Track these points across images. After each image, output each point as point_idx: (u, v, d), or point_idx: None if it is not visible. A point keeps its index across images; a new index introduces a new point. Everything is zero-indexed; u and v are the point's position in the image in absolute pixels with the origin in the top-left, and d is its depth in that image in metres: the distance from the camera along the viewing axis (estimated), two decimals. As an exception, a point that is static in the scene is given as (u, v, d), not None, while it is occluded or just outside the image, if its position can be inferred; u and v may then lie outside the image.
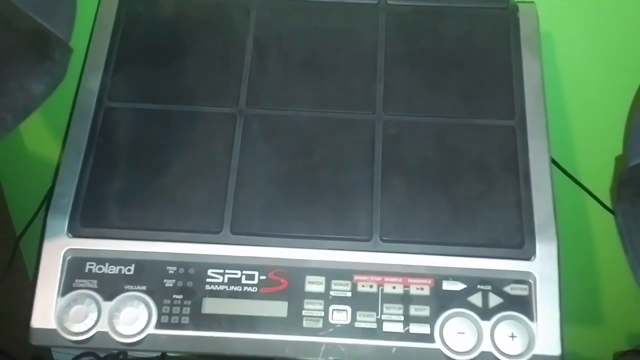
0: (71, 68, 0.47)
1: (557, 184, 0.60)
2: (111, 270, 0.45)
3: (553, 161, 0.60)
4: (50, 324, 0.44)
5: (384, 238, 0.47)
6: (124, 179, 0.48)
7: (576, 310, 0.75)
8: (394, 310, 0.45)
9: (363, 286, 0.46)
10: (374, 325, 0.45)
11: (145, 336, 0.44)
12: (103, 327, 0.44)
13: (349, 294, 0.45)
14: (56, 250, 0.46)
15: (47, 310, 0.44)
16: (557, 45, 0.61)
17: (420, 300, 0.45)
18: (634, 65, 0.59)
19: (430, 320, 0.45)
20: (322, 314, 0.45)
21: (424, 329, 0.45)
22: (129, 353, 0.61)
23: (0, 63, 0.34)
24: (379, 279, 0.46)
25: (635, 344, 0.64)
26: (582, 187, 0.63)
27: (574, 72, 0.62)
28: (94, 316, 0.44)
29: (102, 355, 0.67)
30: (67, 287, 0.45)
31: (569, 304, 0.70)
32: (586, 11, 0.58)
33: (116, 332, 0.44)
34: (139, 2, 0.55)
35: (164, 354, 0.71)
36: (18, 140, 0.79)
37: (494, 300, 0.45)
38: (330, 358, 0.45)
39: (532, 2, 0.56)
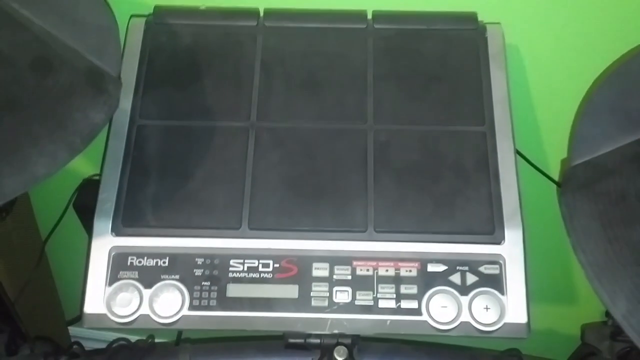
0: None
1: (527, 176, 0.67)
2: (149, 263, 0.53)
3: (523, 156, 0.67)
4: (101, 309, 0.52)
5: (378, 229, 0.54)
6: (157, 185, 0.55)
7: (548, 289, 0.83)
8: (387, 290, 0.52)
9: (361, 270, 0.53)
10: (371, 303, 0.52)
11: (180, 317, 0.52)
12: (145, 310, 0.52)
13: (349, 277, 0.53)
14: (103, 248, 0.53)
15: (97, 298, 0.52)
16: (523, 56, 0.67)
17: (409, 280, 0.53)
18: (591, 69, 0.66)
19: (418, 297, 0.52)
20: (327, 294, 0.52)
21: (413, 304, 0.52)
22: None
23: (68, 97, 0.42)
24: (374, 263, 0.53)
25: (602, 317, 0.72)
26: (549, 178, 0.70)
27: (540, 77, 0.69)
28: (136, 302, 0.52)
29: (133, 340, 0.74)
30: (113, 278, 0.52)
31: (541, 283, 0.79)
32: (548, 25, 0.65)
33: (156, 314, 0.52)
34: (161, 33, 0.62)
35: (179, 338, 0.78)
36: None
37: (471, 278, 0.53)
38: (336, 331, 0.52)
39: (498, 23, 0.63)
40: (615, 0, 0.62)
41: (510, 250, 0.53)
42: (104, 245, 0.53)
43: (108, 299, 0.52)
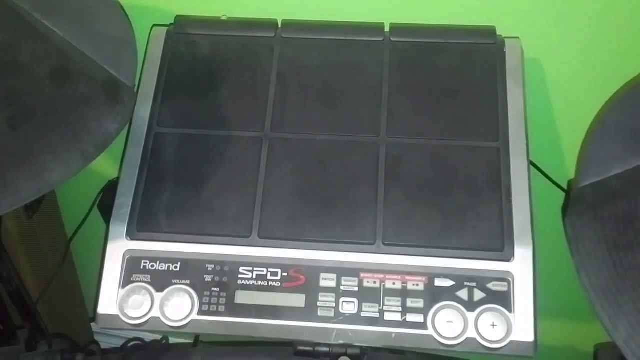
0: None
1: (543, 189, 0.67)
2: (161, 267, 0.55)
3: (539, 168, 0.67)
4: (114, 310, 0.53)
5: (386, 242, 0.54)
6: (171, 192, 0.57)
7: (562, 303, 0.81)
8: (393, 302, 0.53)
9: (368, 282, 0.54)
10: (377, 315, 0.53)
11: (190, 321, 0.53)
12: (155, 313, 0.53)
13: (356, 289, 0.53)
14: (117, 251, 0.55)
15: (110, 300, 0.54)
16: (545, 69, 0.67)
17: (415, 294, 0.53)
18: (611, 84, 0.65)
19: (424, 311, 0.52)
20: (334, 305, 0.53)
21: (419, 318, 0.52)
22: (171, 339, 0.70)
23: (85, 107, 0.44)
24: (381, 276, 0.54)
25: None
26: (564, 190, 0.69)
27: (561, 92, 0.68)
28: (148, 304, 0.54)
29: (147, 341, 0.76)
30: (126, 281, 0.54)
31: (554, 297, 0.77)
32: (567, 38, 0.64)
33: (166, 317, 0.53)
34: (181, 44, 0.64)
35: (197, 340, 0.80)
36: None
37: (478, 295, 0.53)
38: (341, 341, 0.53)
39: (517, 37, 0.63)
40: (635, 16, 0.61)
41: (520, 267, 0.53)
42: (118, 248, 0.55)
43: (121, 301, 0.54)
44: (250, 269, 0.54)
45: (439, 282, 0.53)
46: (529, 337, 0.51)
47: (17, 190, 0.40)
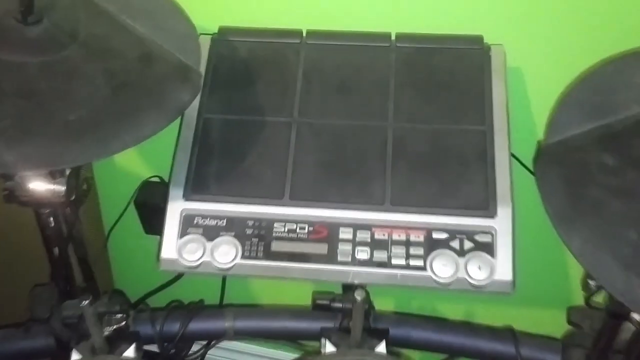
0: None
1: (520, 176, 0.78)
2: (211, 223, 0.66)
3: (516, 158, 0.79)
4: (174, 255, 0.65)
5: (393, 203, 0.66)
6: (218, 164, 0.69)
7: (539, 282, 0.90)
8: (399, 250, 0.64)
9: (378, 235, 0.65)
10: (386, 260, 0.64)
11: (234, 264, 0.65)
12: (207, 258, 0.65)
13: (369, 240, 0.65)
14: (176, 210, 0.67)
15: (171, 247, 0.66)
16: (525, 77, 0.79)
17: (417, 244, 0.65)
18: None
19: (424, 257, 0.64)
20: (351, 252, 0.64)
21: (419, 262, 0.64)
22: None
23: (165, 83, 0.58)
24: (389, 230, 0.65)
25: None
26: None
27: (539, 97, 0.79)
28: (201, 251, 0.65)
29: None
30: (183, 232, 0.66)
31: (534, 277, 0.87)
32: (547, 49, 0.76)
33: (215, 261, 0.65)
34: (223, 48, 0.76)
35: (222, 298, 0.91)
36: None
37: (467, 244, 0.64)
38: (356, 281, 0.65)
39: (501, 44, 0.76)
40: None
41: (501, 223, 0.65)
42: (177, 207, 0.67)
43: (179, 248, 0.66)
44: (283, 224, 0.66)
45: (435, 235, 0.65)
46: (508, 276, 0.63)
47: (121, 140, 0.54)
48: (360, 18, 0.78)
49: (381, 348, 0.71)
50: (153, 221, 0.80)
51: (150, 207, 0.83)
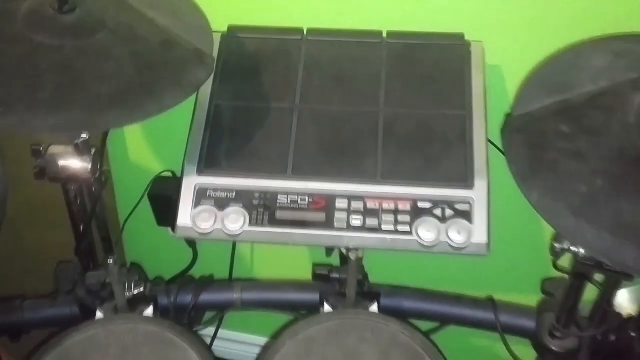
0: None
1: (496, 160, 0.86)
2: (222, 195, 0.74)
3: (494, 144, 0.87)
4: (189, 224, 0.74)
5: (384, 177, 0.74)
6: (228, 144, 0.77)
7: (516, 260, 0.99)
8: (388, 218, 0.72)
9: (370, 204, 0.73)
10: (377, 226, 0.72)
11: (243, 232, 0.73)
12: (218, 226, 0.73)
13: (362, 209, 0.73)
14: (190, 183, 0.75)
15: (186, 216, 0.74)
16: (505, 74, 0.87)
17: (404, 212, 0.73)
18: None
19: (410, 223, 0.72)
20: (346, 219, 0.72)
21: (406, 228, 0.72)
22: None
23: (183, 65, 0.68)
24: (379, 200, 0.73)
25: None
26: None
27: (514, 89, 0.84)
28: (212, 219, 0.73)
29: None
30: (197, 203, 0.74)
31: (511, 253, 0.95)
32: (524, 47, 0.83)
33: (226, 229, 0.73)
34: (232, 44, 0.85)
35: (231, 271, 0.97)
36: (123, 148, 1.04)
37: (449, 212, 0.72)
38: (351, 245, 0.73)
39: (480, 41, 0.84)
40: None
41: (478, 194, 0.73)
42: (191, 181, 0.76)
43: (193, 217, 0.74)
44: (286, 195, 0.74)
45: (420, 205, 0.73)
46: (484, 240, 0.72)
47: (144, 110, 0.64)
48: (355, 17, 0.86)
49: (374, 308, 0.79)
50: (165, 213, 0.86)
51: (162, 200, 0.89)
